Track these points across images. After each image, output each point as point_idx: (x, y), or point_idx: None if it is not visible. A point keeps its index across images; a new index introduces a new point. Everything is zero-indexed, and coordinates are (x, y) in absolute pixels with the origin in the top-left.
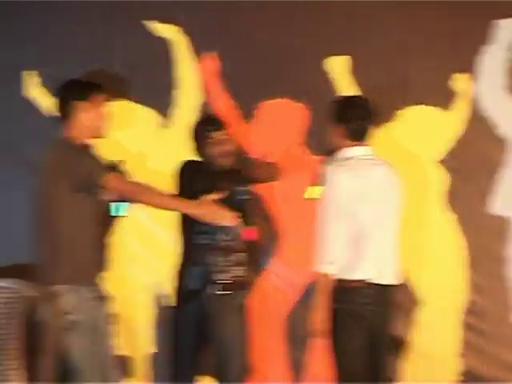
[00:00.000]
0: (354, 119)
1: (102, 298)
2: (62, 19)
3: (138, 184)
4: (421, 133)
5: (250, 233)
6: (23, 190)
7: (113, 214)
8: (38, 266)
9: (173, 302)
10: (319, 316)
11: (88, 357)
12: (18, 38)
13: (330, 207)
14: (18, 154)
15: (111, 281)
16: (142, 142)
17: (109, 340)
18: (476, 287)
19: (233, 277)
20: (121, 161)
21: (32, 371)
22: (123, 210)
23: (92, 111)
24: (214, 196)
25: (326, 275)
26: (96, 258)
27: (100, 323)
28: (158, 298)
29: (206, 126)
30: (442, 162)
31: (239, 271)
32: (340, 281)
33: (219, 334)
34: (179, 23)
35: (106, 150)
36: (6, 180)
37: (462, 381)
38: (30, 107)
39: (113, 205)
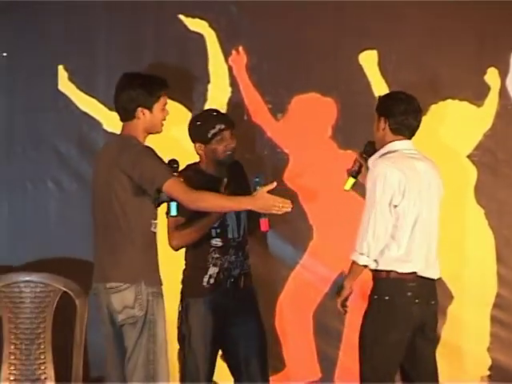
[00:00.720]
0: (398, 114)
1: (159, 295)
2: (93, 13)
3: (196, 191)
4: (451, 128)
5: (264, 224)
6: (53, 184)
7: (172, 214)
8: (95, 263)
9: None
10: (344, 295)
11: (142, 352)
12: (49, 32)
13: (376, 201)
14: (49, 149)
15: None
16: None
17: (163, 337)
18: (505, 281)
19: (244, 271)
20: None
21: (61, 365)
22: (174, 210)
23: (156, 112)
24: (269, 187)
25: (358, 265)
26: (154, 256)
27: (156, 319)
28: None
29: (216, 123)
30: (473, 156)
31: (247, 265)
32: (388, 272)
33: (240, 328)
34: (209, 18)
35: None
36: (35, 174)
37: (491, 375)
38: (62, 101)
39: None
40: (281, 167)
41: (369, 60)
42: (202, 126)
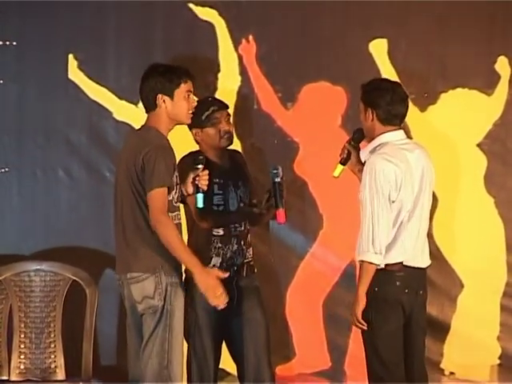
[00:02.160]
0: (385, 105)
1: (178, 285)
2: (103, 2)
3: (169, 218)
4: (461, 116)
5: (281, 215)
6: (63, 173)
7: (198, 205)
8: (116, 255)
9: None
10: (362, 305)
11: (158, 341)
12: (59, 21)
13: (375, 197)
14: (59, 137)
15: None
16: None
17: (180, 328)
18: None
19: (247, 260)
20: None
21: (71, 353)
22: (201, 202)
23: (178, 99)
24: (223, 275)
25: (371, 265)
26: None
27: (174, 310)
28: None
29: (210, 105)
30: (483, 144)
31: (250, 254)
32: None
33: (243, 317)
34: (218, 6)
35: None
36: (45, 163)
37: (501, 364)
38: (72, 90)
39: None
40: (291, 156)
41: (379, 48)
42: (196, 111)
